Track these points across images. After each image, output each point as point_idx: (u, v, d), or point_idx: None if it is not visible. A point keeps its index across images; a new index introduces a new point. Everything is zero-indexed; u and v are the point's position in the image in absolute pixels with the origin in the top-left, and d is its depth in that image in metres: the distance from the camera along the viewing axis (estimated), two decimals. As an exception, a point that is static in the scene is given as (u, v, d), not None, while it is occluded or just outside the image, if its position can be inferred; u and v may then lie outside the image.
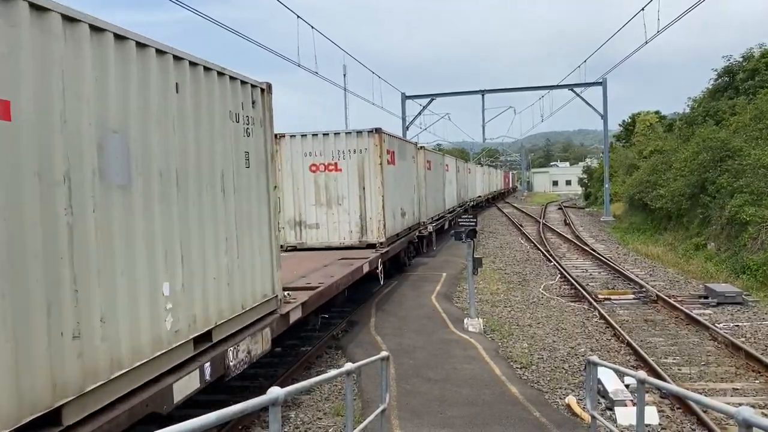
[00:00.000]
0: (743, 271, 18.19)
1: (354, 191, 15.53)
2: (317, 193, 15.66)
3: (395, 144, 17.64)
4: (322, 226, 15.66)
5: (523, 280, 19.29)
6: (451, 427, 7.47)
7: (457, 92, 46.41)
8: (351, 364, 5.94)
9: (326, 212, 15.63)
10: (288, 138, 15.60)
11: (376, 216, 15.47)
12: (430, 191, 24.18)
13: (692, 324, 13.04)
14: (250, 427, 7.99)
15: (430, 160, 24.90)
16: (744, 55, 33.51)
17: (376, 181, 15.44)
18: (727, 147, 24.40)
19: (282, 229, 14.58)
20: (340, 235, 15.63)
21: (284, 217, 15.32)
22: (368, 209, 15.49)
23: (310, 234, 15.69)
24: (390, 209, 16.18)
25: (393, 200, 16.68)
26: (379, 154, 15.43)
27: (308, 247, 15.66)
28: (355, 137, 15.50)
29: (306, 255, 14.64)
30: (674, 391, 5.13)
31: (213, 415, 3.14)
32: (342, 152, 15.51)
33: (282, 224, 14.65)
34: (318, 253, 14.96)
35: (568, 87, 41.16)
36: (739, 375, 9.95)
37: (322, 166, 15.60)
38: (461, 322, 12.85)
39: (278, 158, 14.95)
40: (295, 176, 15.56)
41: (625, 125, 57.62)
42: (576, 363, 10.73)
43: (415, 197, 20.63)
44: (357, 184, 15.55)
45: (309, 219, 15.70)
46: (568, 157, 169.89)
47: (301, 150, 15.59)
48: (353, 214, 15.58)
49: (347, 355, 10.83)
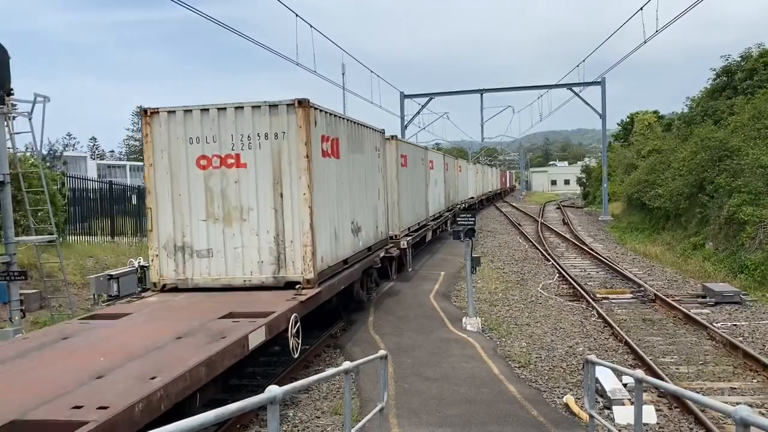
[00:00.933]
0: (741, 271, 18.22)
1: (266, 199, 10.20)
2: (209, 203, 10.33)
3: (340, 127, 12.04)
4: (217, 253, 10.34)
5: (521, 279, 19.30)
6: (449, 425, 7.48)
7: (456, 91, 46.45)
8: (349, 363, 5.95)
9: (223, 232, 10.31)
10: (164, 116, 10.41)
11: (300, 238, 10.09)
12: (405, 195, 19.28)
13: (690, 323, 13.06)
14: (249, 426, 7.99)
15: (406, 154, 19.77)
16: (742, 55, 33.55)
17: (301, 184, 10.03)
18: (726, 147, 24.43)
19: (154, 258, 10.45)
20: (244, 267, 10.31)
21: (157, 239, 10.45)
22: (288, 227, 10.15)
23: (199, 266, 10.39)
24: (326, 226, 10.99)
25: (334, 211, 11.42)
26: (305, 140, 9.97)
27: (195, 286, 10.38)
28: (268, 114, 10.10)
29: (181, 303, 9.50)
30: (672, 390, 5.14)
31: (212, 413, 3.15)
32: (248, 138, 10.21)
33: (154, 249, 10.46)
34: (204, 299, 9.74)
35: (567, 86, 41.19)
36: (736, 374, 9.97)
37: (216, 159, 10.27)
38: (460, 321, 12.87)
39: (148, 146, 10.44)
40: (175, 175, 10.38)
41: (624, 125, 57.70)
42: (574, 362, 10.75)
43: (380, 204, 15.26)
44: (270, 189, 10.14)
45: (197, 242, 10.37)
46: (567, 156, 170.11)
47: (184, 134, 10.31)
48: (264, 236, 10.21)
49: (345, 353, 10.83)
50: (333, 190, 11.35)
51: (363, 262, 13.28)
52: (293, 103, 10.04)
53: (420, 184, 22.39)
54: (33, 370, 6.18)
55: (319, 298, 10.17)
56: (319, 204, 10.44)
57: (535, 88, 44.23)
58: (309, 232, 10.08)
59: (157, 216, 10.43)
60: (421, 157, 22.93)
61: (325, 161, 10.93)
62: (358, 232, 13.01)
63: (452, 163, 33.75)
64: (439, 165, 27.56)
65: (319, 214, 10.40)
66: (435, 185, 26.14)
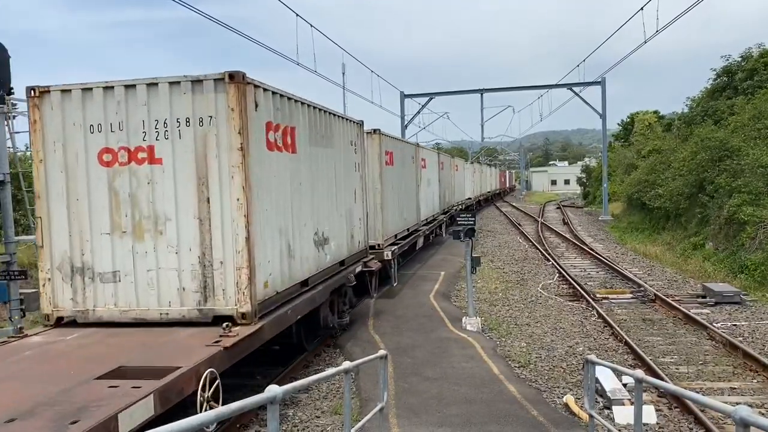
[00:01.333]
0: (741, 271, 18.23)
1: (188, 206, 7.73)
2: (115, 210, 7.96)
3: (297, 114, 9.38)
4: (125, 277, 7.95)
5: (521, 279, 19.30)
6: (449, 425, 7.48)
7: (456, 91, 46.43)
8: (349, 363, 5.95)
9: (133, 249, 7.92)
10: (56, 96, 8.02)
11: (233, 257, 7.62)
12: (391, 197, 17.00)
13: (690, 323, 13.06)
14: (249, 426, 7.99)
15: (392, 150, 17.28)
16: (743, 55, 33.54)
17: (234, 185, 7.58)
18: (726, 147, 24.43)
19: (46, 283, 8.08)
20: (160, 296, 7.88)
21: (50, 257, 8.09)
22: (216, 243, 7.67)
23: (103, 293, 8.00)
24: (274, 240, 8.44)
25: (286, 220, 8.86)
26: (239, 128, 7.50)
27: (98, 319, 7.99)
28: (190, 93, 7.66)
29: (65, 347, 7.11)
30: (672, 390, 5.14)
31: (212, 412, 3.15)
32: (164, 125, 7.76)
33: (46, 272, 8.08)
34: (102, 339, 7.39)
35: (567, 86, 41.18)
36: (736, 374, 9.97)
37: (123, 153, 7.89)
38: (460, 320, 12.87)
39: (36, 136, 8.08)
40: (71, 173, 8.04)
41: (624, 125, 57.71)
42: (574, 362, 10.75)
43: (356, 209, 12.95)
44: (194, 192, 7.69)
45: (100, 262, 8.01)
46: (567, 156, 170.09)
47: (83, 120, 7.96)
48: (186, 254, 7.75)
49: (345, 353, 10.84)
50: (285, 193, 8.85)
51: (332, 280, 10.82)
52: (223, 78, 7.47)
53: (409, 185, 20.17)
54: None
55: (258, 338, 7.60)
56: (262, 211, 7.99)
57: (535, 88, 44.27)
58: (245, 249, 7.52)
59: (50, 227, 8.04)
60: (411, 155, 20.81)
61: (273, 156, 8.40)
62: (324, 245, 10.58)
63: (448, 161, 31.79)
64: (432, 163, 25.73)
65: (262, 224, 7.96)
66: (428, 186, 24.11)
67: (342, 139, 12.01)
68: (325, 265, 10.66)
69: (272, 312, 8.25)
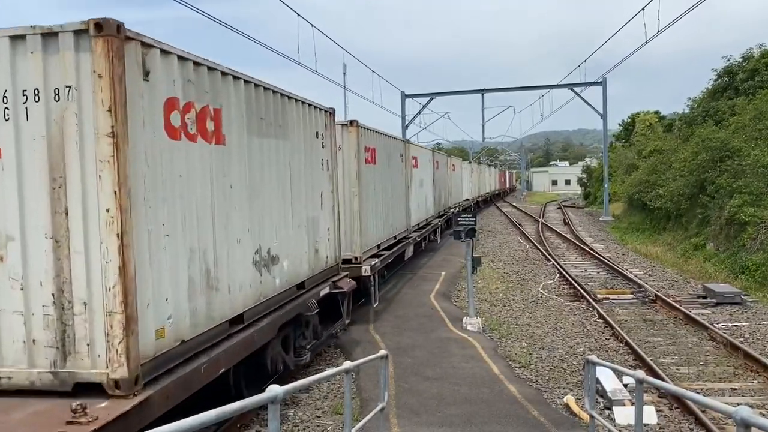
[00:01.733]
0: (742, 272, 18.22)
1: (36, 218, 5.14)
2: None
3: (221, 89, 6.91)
4: None
5: (522, 279, 19.30)
6: (450, 425, 7.48)
7: (457, 91, 46.46)
8: (350, 363, 5.95)
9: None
10: None
11: (102, 295, 5.02)
12: (372, 201, 14.48)
13: (691, 324, 13.06)
14: (249, 425, 7.99)
15: (374, 146, 14.85)
16: (744, 56, 33.51)
17: (103, 188, 4.96)
18: (727, 147, 24.42)
19: None
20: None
21: None
22: (78, 274, 5.10)
23: None
24: (178, 265, 5.91)
25: (203, 236, 6.42)
26: (108, 105, 4.90)
27: None
28: (40, 52, 5.05)
29: None
30: (673, 391, 5.14)
31: (212, 412, 3.15)
32: (1, 100, 5.20)
33: None
34: None
35: (568, 86, 41.19)
36: (737, 375, 9.97)
37: None
38: (460, 321, 12.87)
39: None
40: None
41: (625, 125, 57.69)
42: (575, 362, 10.74)
43: (323, 217, 10.44)
44: (45, 198, 5.11)
45: None
46: (568, 156, 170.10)
47: None
48: (36, 291, 5.18)
49: (346, 353, 10.84)
50: (202, 199, 6.35)
51: (283, 311, 8.23)
52: (86, 29, 4.95)
53: (397, 187, 17.79)
54: None
55: (140, 417, 5.03)
56: (155, 226, 5.50)
57: (536, 88, 44.30)
58: (118, 284, 4.98)
59: None
60: (400, 153, 18.50)
61: (179, 147, 5.91)
62: (271, 266, 8.07)
63: (443, 160, 29.43)
64: (425, 162, 23.45)
65: (155, 245, 5.49)
66: (420, 187, 21.93)
67: (302, 129, 9.39)
68: (272, 292, 8.04)
69: (172, 372, 5.60)
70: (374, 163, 14.90)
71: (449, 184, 31.08)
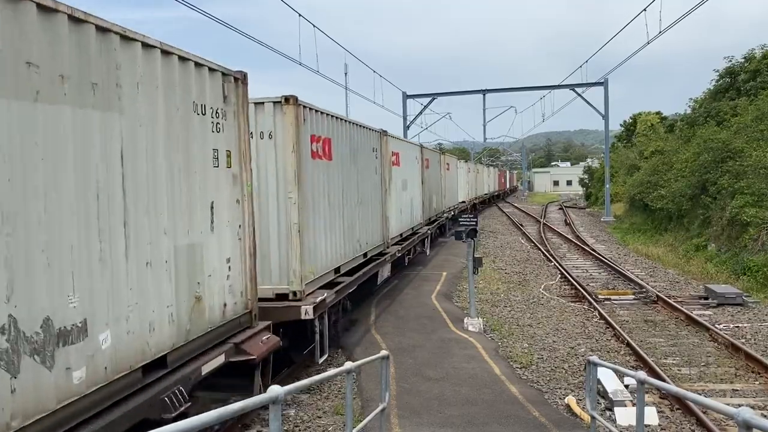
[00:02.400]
0: (744, 272, 18.19)
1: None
2: None
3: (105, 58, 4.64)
4: None
5: (523, 279, 19.29)
6: (451, 426, 7.48)
7: (459, 92, 46.50)
8: (351, 363, 5.95)
9: None
10: None
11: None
12: (324, 211, 10.55)
13: (692, 325, 13.05)
14: (250, 426, 7.99)
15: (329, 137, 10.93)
16: (746, 56, 33.46)
17: None
18: (729, 148, 24.40)
19: None
20: None
21: None
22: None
23: None
24: None
25: None
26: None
27: None
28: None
29: None
30: (674, 392, 5.13)
31: (213, 412, 3.15)
32: None
33: None
34: None
35: (570, 87, 41.17)
36: (738, 376, 9.96)
37: None
38: (461, 321, 12.87)
39: None
40: None
41: (626, 125, 57.60)
42: (576, 363, 10.74)
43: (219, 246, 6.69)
44: None
45: None
46: (569, 157, 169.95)
47: None
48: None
49: (347, 353, 10.84)
50: None
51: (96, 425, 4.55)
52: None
53: (369, 190, 13.77)
54: None
55: None
56: None
57: (537, 88, 44.25)
58: None
59: None
60: (373, 146, 14.39)
61: None
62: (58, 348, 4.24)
63: (435, 158, 25.53)
64: (411, 160, 19.70)
65: None
66: (403, 189, 18.01)
67: (166, 99, 5.74)
68: (77, 392, 4.42)
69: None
70: (328, 158, 10.88)
71: (442, 186, 27.11)
